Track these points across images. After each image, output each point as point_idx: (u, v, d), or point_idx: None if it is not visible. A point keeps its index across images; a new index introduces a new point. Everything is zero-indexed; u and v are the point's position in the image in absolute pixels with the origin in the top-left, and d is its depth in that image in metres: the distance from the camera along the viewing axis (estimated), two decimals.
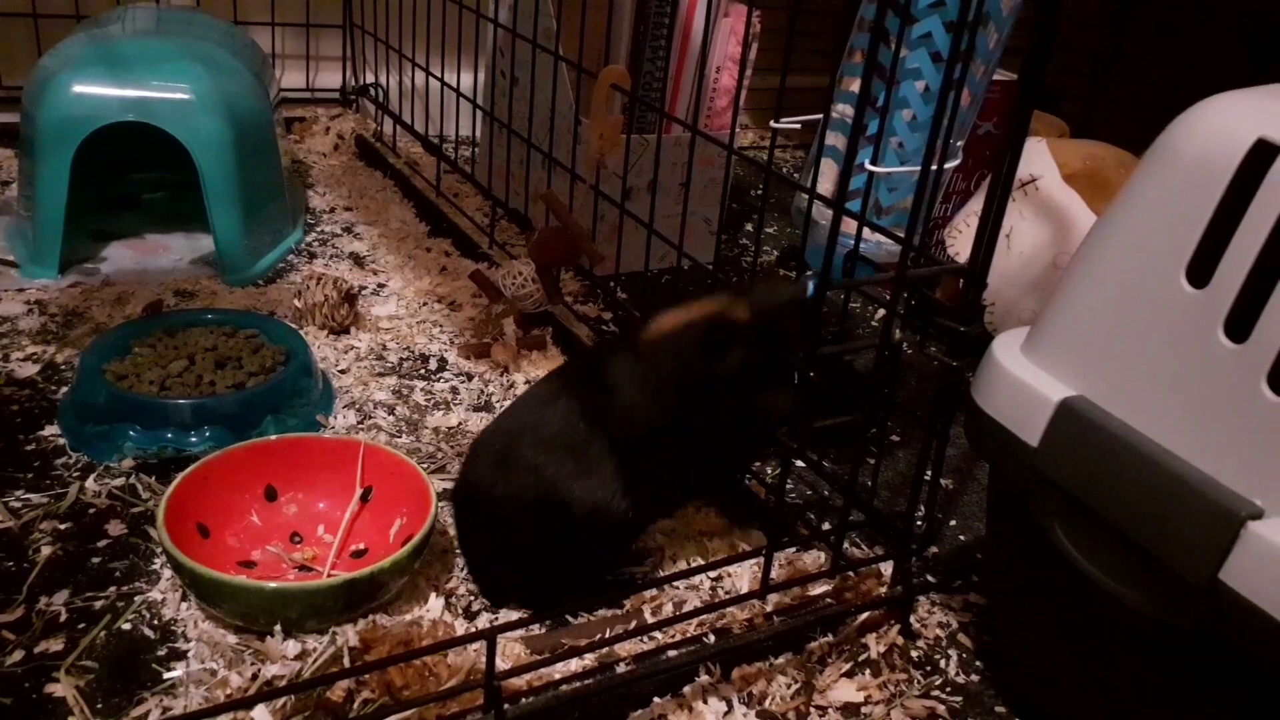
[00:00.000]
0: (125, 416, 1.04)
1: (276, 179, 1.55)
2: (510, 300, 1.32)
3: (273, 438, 0.99)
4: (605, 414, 0.87)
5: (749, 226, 1.82)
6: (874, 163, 0.89)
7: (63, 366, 1.20)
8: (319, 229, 1.64)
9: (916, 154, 0.94)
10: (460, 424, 1.18)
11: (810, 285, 1.01)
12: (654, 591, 0.93)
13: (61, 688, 0.79)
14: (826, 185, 0.99)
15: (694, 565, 0.96)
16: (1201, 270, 0.68)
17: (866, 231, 0.90)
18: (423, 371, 1.28)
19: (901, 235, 0.80)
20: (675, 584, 0.94)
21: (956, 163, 0.97)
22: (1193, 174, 0.69)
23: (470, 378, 1.28)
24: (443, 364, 1.30)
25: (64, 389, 1.15)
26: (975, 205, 1.47)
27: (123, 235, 1.53)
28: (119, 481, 1.02)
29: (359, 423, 1.16)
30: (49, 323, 1.29)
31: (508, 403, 1.23)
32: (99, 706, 0.78)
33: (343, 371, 1.26)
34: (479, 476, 0.91)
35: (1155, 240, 0.71)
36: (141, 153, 1.62)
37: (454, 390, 1.25)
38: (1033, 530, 0.77)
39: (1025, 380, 0.77)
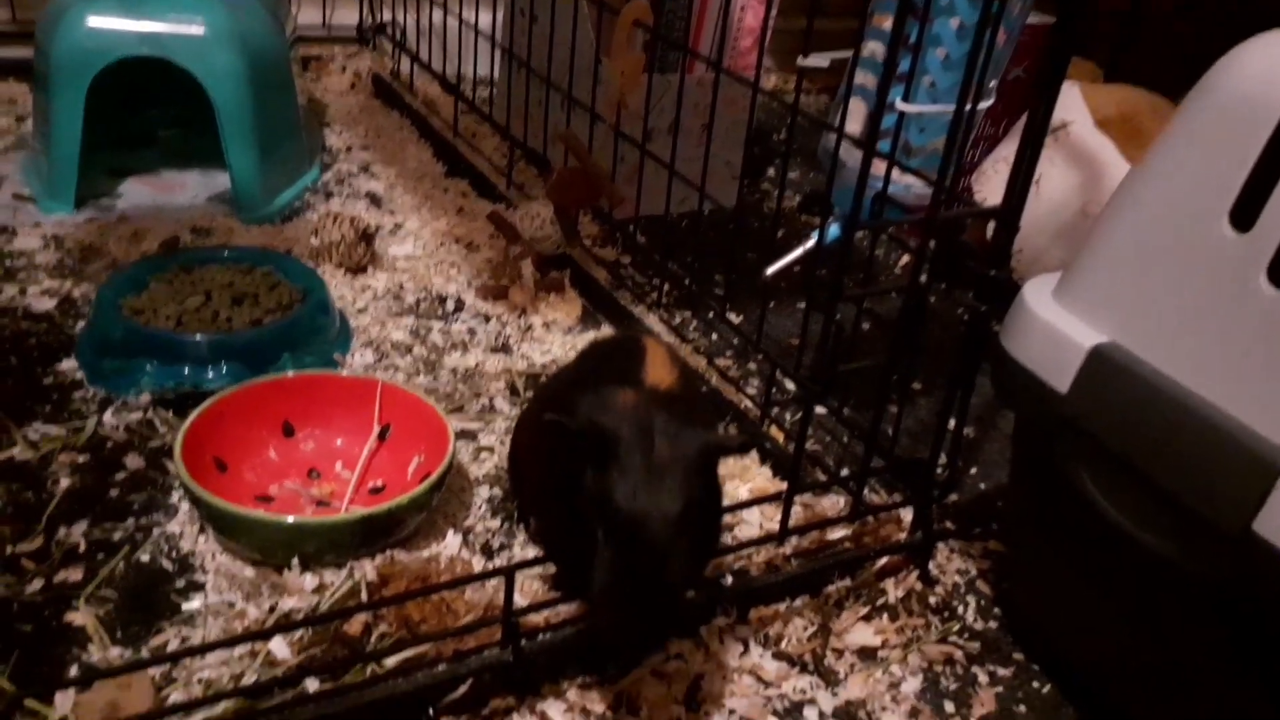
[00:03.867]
0: (142, 351, 1.04)
1: (293, 116, 1.53)
2: (528, 242, 1.30)
3: (290, 374, 0.99)
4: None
5: (772, 171, 1.79)
6: (905, 101, 0.87)
7: (79, 301, 1.20)
8: (335, 168, 1.62)
9: (949, 93, 0.91)
10: (478, 365, 1.17)
11: (835, 228, 0.99)
12: None
13: (81, 616, 0.80)
14: (855, 126, 0.97)
15: None
16: (1245, 213, 0.66)
17: (896, 173, 0.88)
18: (440, 312, 1.27)
19: (932, 177, 0.78)
20: None
21: (990, 103, 0.94)
22: (1238, 114, 0.67)
23: (488, 319, 1.27)
24: (460, 305, 1.29)
25: (81, 324, 1.15)
26: (1004, 151, 1.44)
27: (139, 172, 1.51)
28: (136, 416, 1.02)
29: (376, 362, 1.15)
30: (65, 258, 1.28)
31: (525, 345, 1.22)
32: (118, 635, 0.79)
33: (360, 311, 1.25)
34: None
35: (1198, 182, 0.69)
36: (158, 89, 1.60)
37: (471, 331, 1.24)
38: (1058, 478, 0.76)
39: (1056, 326, 0.76)
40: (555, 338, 1.24)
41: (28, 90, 1.73)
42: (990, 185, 1.41)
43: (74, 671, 0.75)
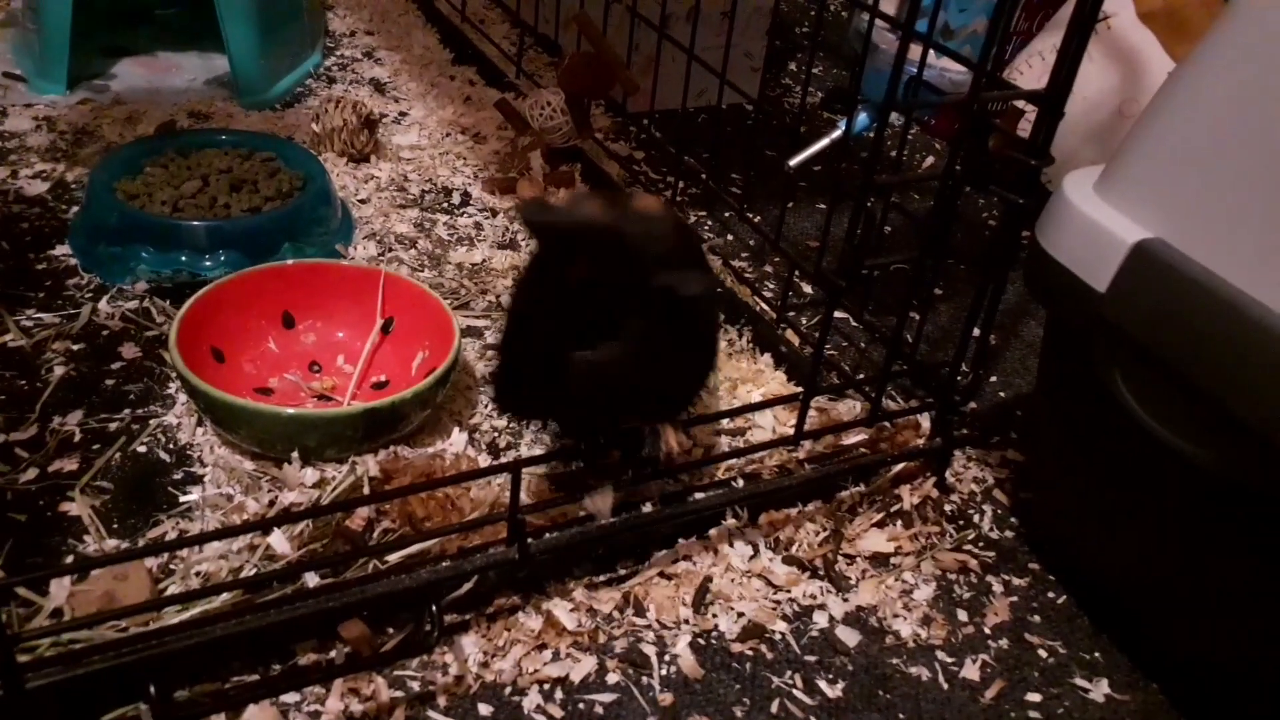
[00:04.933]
0: (138, 238, 1.00)
1: None
2: (537, 132, 1.25)
3: (290, 262, 0.95)
4: None
5: (793, 65, 1.71)
6: None
7: (73, 185, 1.15)
8: (338, 53, 1.56)
9: None
10: (484, 261, 1.13)
11: (864, 116, 0.94)
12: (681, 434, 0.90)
13: (76, 506, 0.78)
14: (888, 7, 0.90)
15: (724, 410, 0.92)
16: None
17: (932, 56, 0.82)
18: (446, 205, 1.22)
19: (971, 59, 0.72)
20: (700, 428, 0.91)
21: None
22: None
23: (495, 214, 1.22)
24: (466, 198, 1.24)
25: (74, 209, 1.11)
26: (1039, 45, 1.37)
27: (134, 52, 1.45)
28: (132, 304, 0.99)
29: (380, 254, 1.11)
30: (58, 140, 1.24)
31: (533, 241, 1.18)
32: (114, 526, 0.77)
33: (363, 201, 1.20)
34: None
35: (1255, 74, 0.63)
36: None
37: (478, 226, 1.19)
38: (1089, 382, 0.72)
39: (1097, 220, 0.71)
40: None
41: None
42: (1023, 82, 1.34)
43: (69, 561, 0.73)
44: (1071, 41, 0.70)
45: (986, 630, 0.81)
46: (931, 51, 0.83)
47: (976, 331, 0.88)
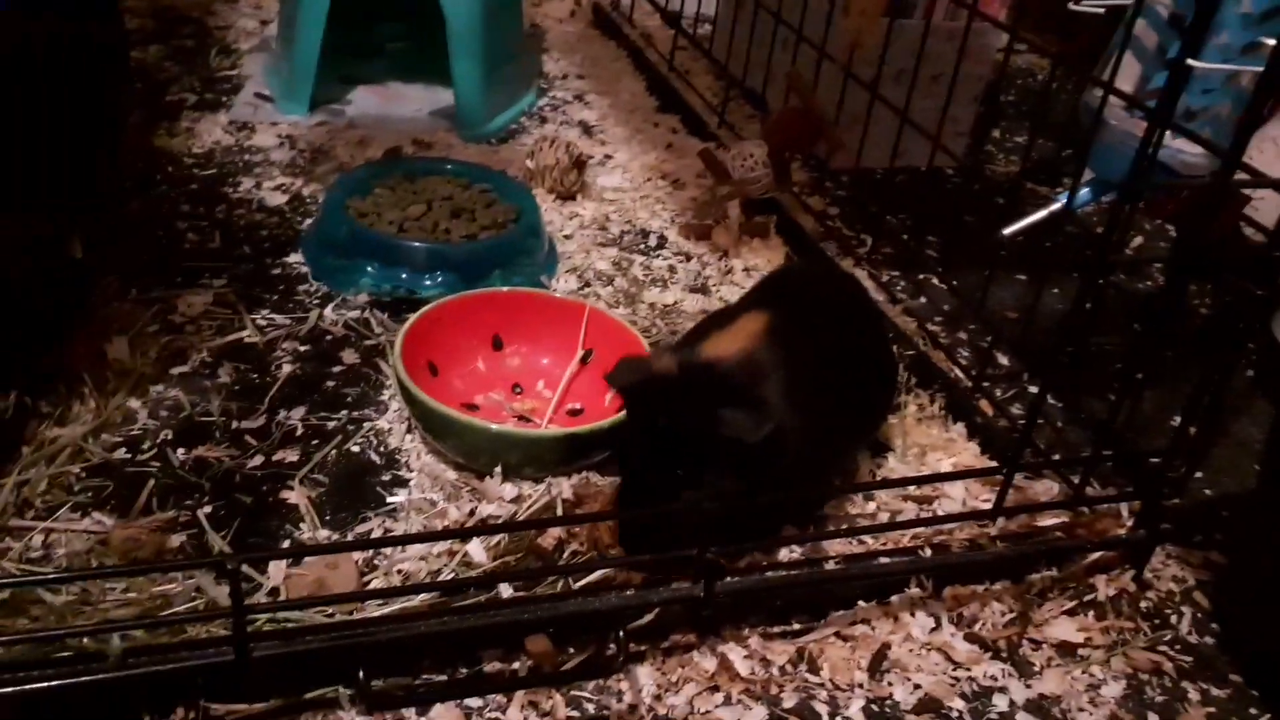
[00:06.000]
0: (364, 253, 1.07)
1: (517, 39, 1.54)
2: (737, 183, 1.27)
3: (503, 289, 1.00)
4: None
5: (995, 133, 1.68)
6: (1192, 59, 0.78)
7: (308, 199, 1.25)
8: (551, 94, 1.63)
9: (1243, 53, 0.82)
10: (676, 303, 1.16)
11: (1086, 192, 0.92)
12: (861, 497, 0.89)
13: (295, 495, 0.84)
14: (1124, 83, 0.88)
15: (914, 476, 0.91)
16: None
17: (1166, 137, 0.80)
18: (643, 246, 1.26)
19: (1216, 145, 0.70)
20: (886, 492, 0.90)
21: None
22: None
23: (689, 258, 1.25)
24: (663, 241, 1.28)
25: (308, 221, 1.20)
26: (1273, 130, 1.30)
27: (367, 81, 1.56)
28: (354, 314, 1.06)
29: (579, 289, 1.16)
30: (298, 157, 1.34)
31: (724, 287, 1.20)
32: (327, 518, 0.82)
33: (567, 237, 1.25)
34: None
35: None
36: (388, 2, 1.65)
37: (672, 269, 1.22)
38: None
39: None
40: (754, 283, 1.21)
41: None
42: (1257, 165, 1.27)
43: (287, 546, 0.79)
44: None
45: None
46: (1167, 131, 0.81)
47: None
